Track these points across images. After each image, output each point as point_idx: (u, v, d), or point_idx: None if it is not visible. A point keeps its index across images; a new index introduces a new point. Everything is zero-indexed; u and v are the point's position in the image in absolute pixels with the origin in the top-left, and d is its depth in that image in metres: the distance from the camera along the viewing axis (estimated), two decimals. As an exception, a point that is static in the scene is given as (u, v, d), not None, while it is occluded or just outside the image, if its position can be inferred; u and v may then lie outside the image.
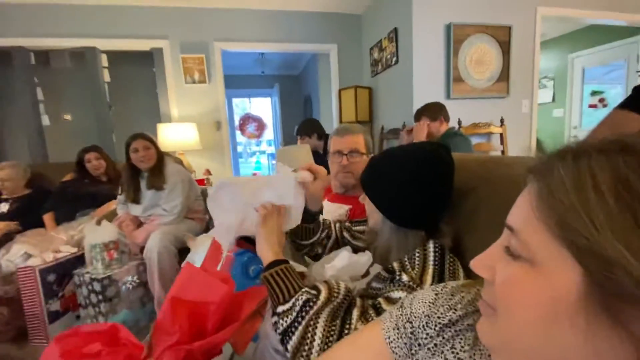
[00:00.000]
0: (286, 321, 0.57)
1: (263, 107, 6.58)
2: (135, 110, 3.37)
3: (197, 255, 0.74)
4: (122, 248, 1.80)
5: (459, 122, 2.62)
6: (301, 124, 2.63)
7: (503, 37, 2.66)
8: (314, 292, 0.60)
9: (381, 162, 0.75)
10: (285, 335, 0.56)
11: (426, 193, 0.68)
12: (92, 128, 3.12)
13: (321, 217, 0.98)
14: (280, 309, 0.59)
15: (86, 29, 2.93)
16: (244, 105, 6.66)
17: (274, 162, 6.57)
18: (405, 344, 0.42)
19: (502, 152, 2.71)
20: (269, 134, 6.72)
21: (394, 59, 2.82)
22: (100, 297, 1.64)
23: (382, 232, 0.73)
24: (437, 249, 0.65)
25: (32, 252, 1.80)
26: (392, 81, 2.96)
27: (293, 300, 0.59)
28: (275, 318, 0.59)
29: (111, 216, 2.09)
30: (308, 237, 0.92)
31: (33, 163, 2.75)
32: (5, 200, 2.29)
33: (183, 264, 0.74)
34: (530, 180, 0.29)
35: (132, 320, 1.76)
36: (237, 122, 6.34)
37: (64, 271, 1.77)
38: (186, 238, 1.71)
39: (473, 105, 2.69)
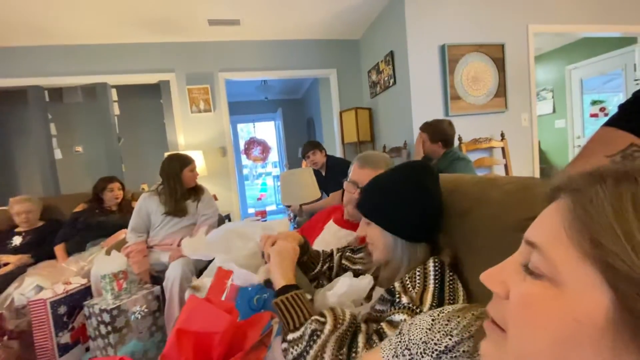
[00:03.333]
0: (296, 350, 0.58)
1: (267, 131, 6.72)
2: (143, 140, 3.49)
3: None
4: (131, 277, 1.82)
5: (459, 139, 2.65)
6: (308, 143, 2.68)
7: (497, 55, 2.73)
8: (322, 319, 0.60)
9: (376, 186, 0.77)
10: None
11: (430, 200, 0.72)
12: (102, 159, 3.22)
13: (322, 249, 0.99)
14: (290, 336, 0.60)
15: (97, 66, 3.09)
16: (248, 129, 6.81)
17: (279, 184, 6.63)
18: None
19: (505, 165, 2.71)
20: (273, 156, 6.82)
21: (392, 80, 2.90)
22: (109, 328, 1.64)
23: (394, 253, 0.73)
24: (437, 267, 0.66)
25: (44, 285, 1.83)
26: (391, 102, 3.03)
27: (302, 329, 0.60)
28: (285, 345, 0.60)
29: (120, 246, 2.13)
30: (310, 271, 0.95)
31: (45, 195, 2.83)
32: (18, 233, 2.35)
33: (186, 297, 0.77)
34: (561, 197, 0.28)
35: (140, 350, 1.75)
36: (242, 147, 6.46)
37: (74, 303, 1.79)
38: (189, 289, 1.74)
39: (472, 121, 2.72)
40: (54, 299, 1.71)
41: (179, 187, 2.03)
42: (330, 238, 1.23)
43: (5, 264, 2.16)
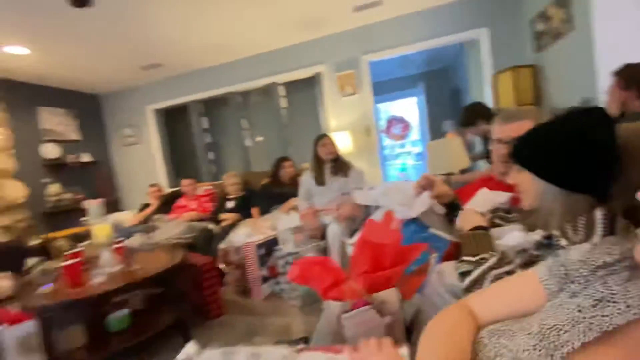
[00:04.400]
0: (467, 267, 0.72)
1: (408, 108, 6.63)
2: (303, 127, 4.15)
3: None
4: (305, 232, 2.33)
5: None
6: (461, 116, 2.41)
7: None
8: (494, 256, 0.72)
9: (530, 133, 0.74)
10: (463, 275, 0.72)
11: (593, 150, 0.64)
12: (276, 145, 4.05)
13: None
14: (467, 258, 0.74)
15: (269, 69, 3.86)
16: (388, 109, 6.89)
17: (420, 162, 6.49)
18: (558, 281, 0.47)
19: None
20: (414, 134, 6.70)
21: (566, 26, 2.38)
22: (289, 267, 2.18)
23: (545, 200, 0.70)
24: (605, 218, 0.62)
25: (250, 234, 2.57)
26: (564, 54, 2.50)
27: (475, 259, 0.72)
28: (460, 263, 0.74)
29: (294, 210, 2.71)
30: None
31: (243, 172, 3.83)
32: (230, 199, 3.30)
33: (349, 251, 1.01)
34: None
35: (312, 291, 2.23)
36: (382, 126, 6.63)
37: (268, 248, 2.44)
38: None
39: None
40: (257, 243, 2.38)
41: (318, 160, 2.54)
42: (480, 201, 1.24)
43: (224, 220, 3.10)
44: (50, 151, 3.73)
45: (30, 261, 2.51)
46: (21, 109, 3.57)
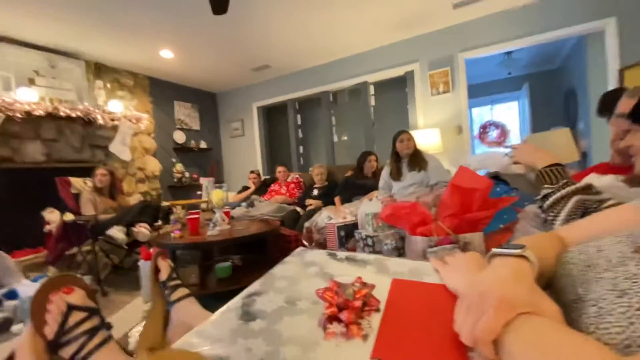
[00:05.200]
0: (548, 191, 0.75)
1: (507, 113, 6.06)
2: (390, 124, 4.21)
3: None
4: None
5: None
6: (601, 103, 2.19)
7: None
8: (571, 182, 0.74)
9: None
10: (544, 197, 0.76)
11: None
12: (361, 142, 4.21)
13: None
14: (547, 186, 0.77)
15: (362, 69, 4.05)
16: (483, 114, 6.41)
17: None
18: None
19: None
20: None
21: None
22: (369, 250, 2.27)
23: None
24: None
25: (332, 216, 2.76)
26: None
27: (559, 184, 0.75)
28: (543, 190, 0.77)
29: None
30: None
31: (328, 164, 4.09)
32: (316, 188, 3.57)
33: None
34: None
35: (389, 275, 2.30)
36: (476, 132, 6.19)
37: (348, 230, 2.58)
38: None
39: None
40: (338, 224, 2.55)
41: (396, 156, 2.61)
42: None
43: (309, 205, 3.37)
44: (179, 137, 4.59)
45: (160, 219, 3.17)
46: (163, 102, 4.49)
